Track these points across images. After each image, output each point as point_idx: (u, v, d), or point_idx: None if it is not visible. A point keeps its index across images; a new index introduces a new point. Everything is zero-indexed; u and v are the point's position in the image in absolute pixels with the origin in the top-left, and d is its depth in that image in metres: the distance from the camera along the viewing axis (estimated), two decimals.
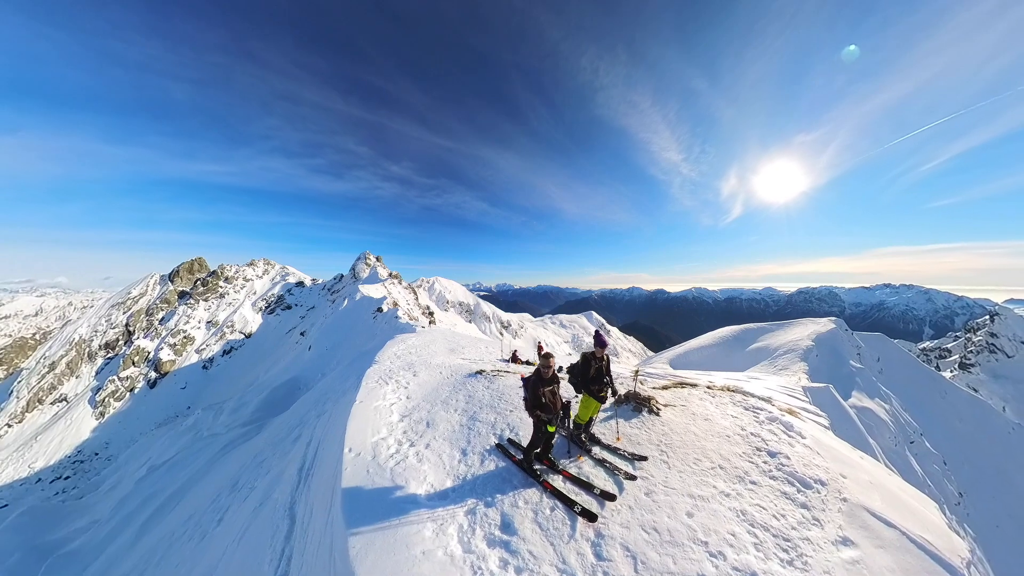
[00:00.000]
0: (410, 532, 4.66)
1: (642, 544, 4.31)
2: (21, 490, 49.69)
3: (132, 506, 19.21)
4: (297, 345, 64.58)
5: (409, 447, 6.83)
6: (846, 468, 5.64)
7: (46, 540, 22.78)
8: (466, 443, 6.81)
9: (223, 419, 39.78)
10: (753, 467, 5.57)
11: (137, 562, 12.43)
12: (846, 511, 4.71)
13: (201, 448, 27.79)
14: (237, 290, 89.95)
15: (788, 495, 4.98)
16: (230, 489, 13.21)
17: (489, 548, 4.39)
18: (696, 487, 5.18)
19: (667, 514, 4.73)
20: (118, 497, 28.19)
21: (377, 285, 68.95)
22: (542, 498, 5.14)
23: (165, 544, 12.40)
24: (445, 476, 5.90)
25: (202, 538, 10.81)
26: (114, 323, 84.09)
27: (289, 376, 45.44)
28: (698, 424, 6.86)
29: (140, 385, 71.61)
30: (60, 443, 61.68)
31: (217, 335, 79.02)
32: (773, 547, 4.20)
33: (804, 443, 6.18)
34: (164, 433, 50.16)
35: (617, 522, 4.65)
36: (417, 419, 7.97)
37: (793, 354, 29.44)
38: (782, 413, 7.33)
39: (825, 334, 32.14)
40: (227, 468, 17.56)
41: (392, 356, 13.85)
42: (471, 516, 4.93)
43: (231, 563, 7.93)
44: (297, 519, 7.43)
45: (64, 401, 72.58)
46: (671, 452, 6.04)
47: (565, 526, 4.62)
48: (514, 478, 5.64)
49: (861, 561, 4.02)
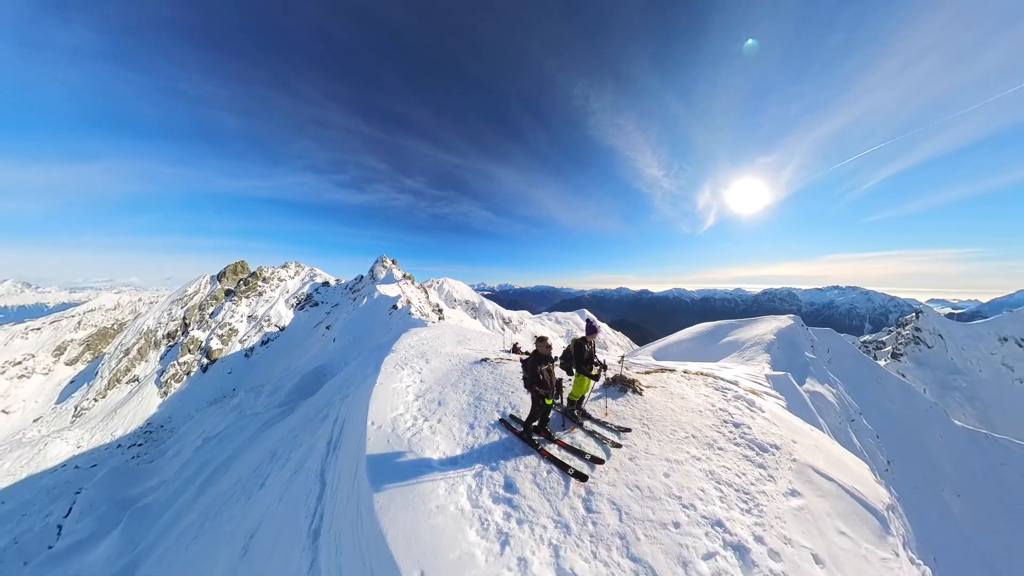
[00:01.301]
0: (426, 490, 4.77)
1: (626, 499, 4.52)
2: (106, 453, 50.29)
3: (191, 470, 19.36)
4: (323, 337, 64.35)
5: (423, 422, 6.86)
6: (797, 436, 6.02)
7: (126, 495, 23.09)
8: (473, 419, 6.86)
9: (262, 400, 40.00)
10: (721, 436, 5.85)
11: (197, 516, 12.52)
12: (795, 469, 5.06)
13: (245, 424, 27.87)
14: (273, 289, 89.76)
15: (749, 458, 5.30)
16: (270, 459, 13.27)
17: (494, 504, 4.53)
18: (672, 453, 5.41)
19: (647, 475, 4.94)
20: (180, 462, 28.68)
21: (392, 285, 68.74)
22: (540, 463, 5.26)
23: (219, 502, 12.48)
24: (455, 445, 5.98)
25: (248, 499, 10.88)
26: (174, 316, 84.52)
27: (317, 364, 45.26)
28: (675, 402, 7.08)
29: (195, 369, 71.86)
30: (134, 416, 62.35)
31: (256, 328, 79.01)
32: (735, 499, 4.50)
33: (764, 416, 6.51)
34: (215, 410, 50.31)
35: (605, 482, 4.84)
36: (430, 399, 7.99)
37: (758, 346, 29.53)
38: (746, 393, 7.60)
39: (785, 329, 32.17)
40: (267, 441, 17.57)
41: (407, 346, 13.71)
42: (478, 478, 5.02)
43: (274, 518, 8.05)
44: (327, 483, 7.51)
45: (136, 381, 73.09)
46: (652, 425, 6.26)
47: (560, 486, 4.76)
48: (515, 447, 5.75)
49: (805, 508, 4.41)
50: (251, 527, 8.53)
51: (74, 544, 16.00)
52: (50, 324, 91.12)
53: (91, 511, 21.85)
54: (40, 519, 37.22)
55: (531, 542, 3.96)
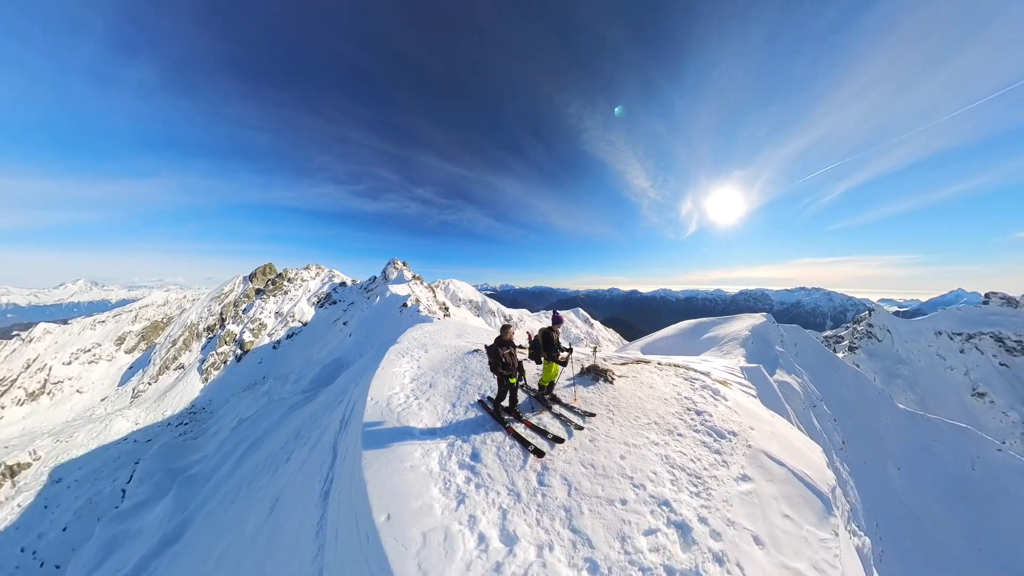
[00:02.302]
0: (404, 453, 5.10)
1: (578, 475, 4.46)
2: (158, 430, 51.57)
3: (229, 447, 19.76)
4: (341, 332, 64.32)
5: (414, 400, 7.06)
6: (755, 422, 5.72)
7: (176, 465, 23.82)
8: (456, 399, 7.00)
9: (288, 387, 40.36)
10: (682, 423, 5.61)
11: (234, 485, 12.85)
12: (749, 455, 4.80)
13: (273, 408, 28.30)
14: (296, 288, 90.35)
15: (706, 444, 5.08)
16: (294, 438, 13.45)
17: (459, 469, 4.74)
18: (632, 437, 5.22)
19: (604, 455, 4.82)
20: (219, 440, 29.22)
21: (403, 285, 68.32)
22: (505, 439, 5.33)
23: (252, 474, 12.73)
24: (436, 420, 6.21)
25: (275, 471, 11.16)
26: (212, 312, 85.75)
27: (335, 356, 45.34)
28: (643, 390, 6.84)
29: (230, 359, 72.58)
30: (180, 399, 63.56)
31: (282, 323, 79.74)
32: (686, 482, 4.33)
33: (726, 404, 6.22)
34: (247, 395, 50.94)
35: (561, 459, 4.80)
36: (423, 382, 8.11)
37: (735, 341, 29.99)
38: (714, 383, 7.33)
39: (759, 326, 32.48)
40: (292, 423, 17.65)
41: (410, 339, 13.74)
42: (450, 447, 5.24)
43: (295, 485, 8.47)
44: (338, 454, 7.84)
45: (182, 368, 74.48)
46: (617, 411, 6.05)
47: (519, 459, 4.82)
48: (487, 424, 5.87)
49: (753, 492, 4.22)
50: (276, 492, 8.97)
51: (136, 505, 16.57)
52: (112, 317, 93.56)
53: (148, 478, 22.62)
54: (108, 483, 40.65)
55: (484, 504, 4.09)
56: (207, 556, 6.37)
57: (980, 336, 78.34)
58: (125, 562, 9.75)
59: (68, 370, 77.22)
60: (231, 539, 6.69)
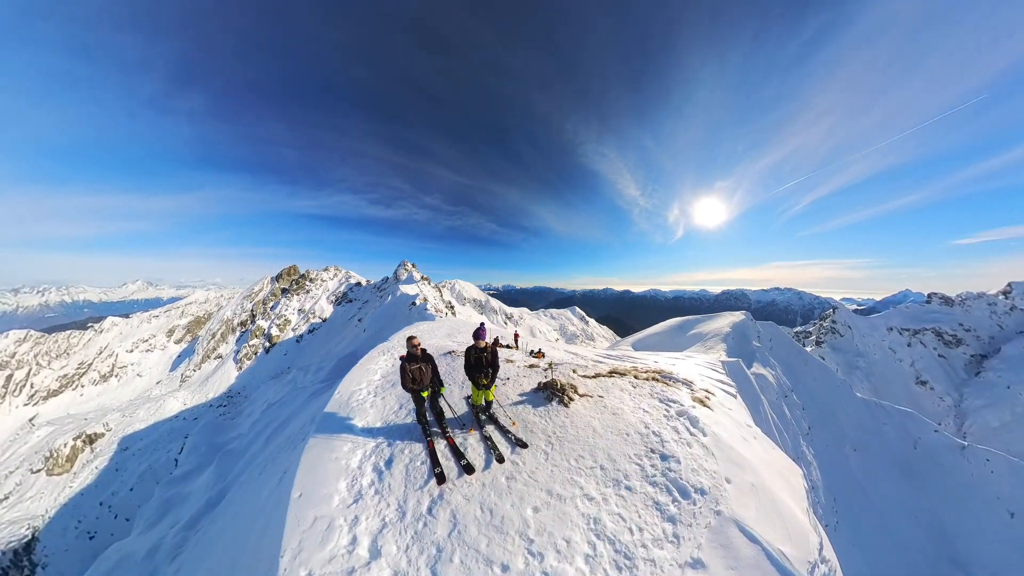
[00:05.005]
0: (337, 445, 5.00)
1: (469, 518, 3.57)
2: (202, 410, 53.64)
3: (260, 427, 20.14)
4: (356, 328, 64.31)
5: (371, 397, 6.73)
6: (735, 470, 4.13)
7: (218, 441, 25.63)
8: (406, 401, 6.39)
9: (309, 377, 41.15)
10: (637, 470, 4.09)
11: (263, 460, 13.14)
12: (713, 528, 3.32)
13: (296, 395, 28.25)
14: (317, 288, 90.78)
15: (660, 506, 3.59)
16: (311, 421, 14.33)
17: (371, 471, 4.47)
18: (561, 485, 3.93)
19: (512, 503, 3.71)
20: (251, 421, 30.00)
21: (412, 285, 66.48)
22: (422, 453, 4.70)
23: (277, 451, 13.22)
24: (379, 420, 5.84)
25: (293, 449, 12.57)
26: (245, 309, 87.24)
27: (351, 350, 45.56)
28: (603, 418, 5.28)
29: (260, 351, 74.09)
30: (219, 384, 65.69)
31: (304, 319, 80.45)
32: (607, 562, 2.97)
33: (702, 442, 4.63)
34: (275, 384, 51.49)
35: (461, 493, 3.93)
36: (389, 380, 7.63)
37: (717, 337, 30.72)
38: (693, 404, 5.81)
39: (738, 323, 33.01)
40: (311, 408, 18.10)
41: (401, 337, 12.93)
42: (375, 448, 4.92)
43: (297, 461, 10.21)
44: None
45: (220, 358, 76.38)
46: (557, 445, 4.69)
47: (421, 479, 4.22)
48: (416, 433, 5.17)
49: None
50: (286, 466, 10.77)
51: (186, 473, 17.39)
52: (164, 313, 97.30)
53: (195, 451, 23.77)
54: (164, 453, 44.04)
55: (372, 510, 3.82)
56: (238, 517, 7.08)
57: (924, 331, 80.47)
58: (178, 519, 10.54)
59: (131, 357, 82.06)
60: (253, 504, 7.59)
